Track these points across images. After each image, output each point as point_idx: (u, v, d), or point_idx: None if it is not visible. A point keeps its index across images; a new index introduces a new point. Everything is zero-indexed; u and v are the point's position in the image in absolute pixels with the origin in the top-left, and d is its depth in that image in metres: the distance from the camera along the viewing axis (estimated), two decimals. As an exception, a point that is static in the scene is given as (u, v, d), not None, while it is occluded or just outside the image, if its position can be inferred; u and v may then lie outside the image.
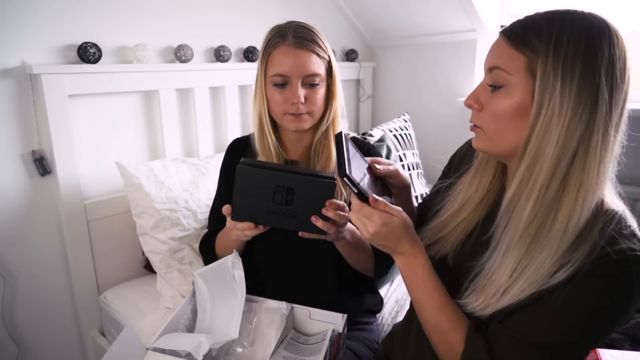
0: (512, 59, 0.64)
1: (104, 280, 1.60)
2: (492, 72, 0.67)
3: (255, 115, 1.05)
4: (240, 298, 0.88)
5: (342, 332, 0.89)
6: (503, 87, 0.66)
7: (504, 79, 0.66)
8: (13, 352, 1.47)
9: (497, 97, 0.67)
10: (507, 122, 0.66)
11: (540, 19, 0.64)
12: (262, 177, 0.80)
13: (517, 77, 0.64)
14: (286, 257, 1.06)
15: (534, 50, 0.62)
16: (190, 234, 1.46)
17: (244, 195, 0.82)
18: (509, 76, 0.65)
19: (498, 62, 0.66)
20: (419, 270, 0.74)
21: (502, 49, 0.66)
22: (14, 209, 1.42)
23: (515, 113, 0.65)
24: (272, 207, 0.82)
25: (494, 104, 0.67)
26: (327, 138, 1.05)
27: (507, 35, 0.66)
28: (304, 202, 0.80)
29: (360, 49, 2.52)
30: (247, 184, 0.81)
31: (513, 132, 0.66)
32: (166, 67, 1.63)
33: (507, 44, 0.66)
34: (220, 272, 0.91)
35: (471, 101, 0.72)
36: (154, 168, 1.46)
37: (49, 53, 1.41)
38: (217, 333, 0.87)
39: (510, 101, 0.65)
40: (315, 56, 0.98)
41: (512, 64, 0.64)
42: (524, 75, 0.64)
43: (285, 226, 0.83)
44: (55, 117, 1.37)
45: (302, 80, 0.97)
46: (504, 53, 0.66)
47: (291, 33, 0.96)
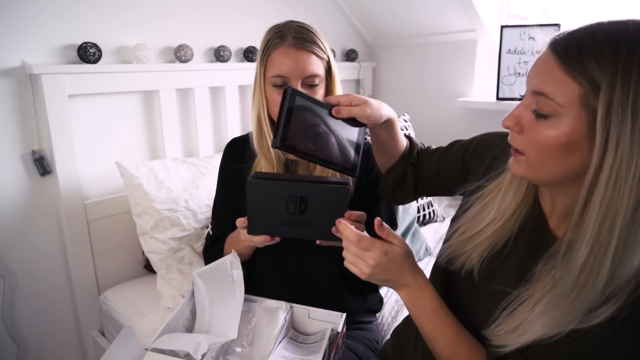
0: (564, 88, 0.54)
1: (104, 280, 1.60)
2: (537, 97, 0.57)
3: (253, 115, 1.05)
4: (238, 298, 0.88)
5: (341, 331, 0.89)
6: (551, 117, 0.56)
7: (551, 109, 0.55)
8: (13, 352, 1.47)
9: (542, 126, 0.57)
10: (552, 155, 0.57)
11: (602, 37, 0.53)
12: (274, 188, 0.80)
13: (569, 110, 0.54)
14: (286, 257, 1.06)
15: (593, 82, 0.52)
16: (190, 234, 1.46)
17: (258, 209, 0.82)
18: (558, 107, 0.55)
19: (546, 88, 0.56)
20: (427, 303, 0.70)
21: (553, 72, 0.55)
22: (14, 209, 1.42)
23: (564, 147, 0.56)
24: (287, 218, 0.81)
25: (538, 133, 0.57)
26: None
27: (559, 55, 0.55)
28: (318, 210, 0.79)
29: (360, 49, 2.52)
30: (259, 198, 0.81)
31: (559, 166, 0.57)
32: (166, 67, 1.63)
33: (559, 66, 0.54)
34: (219, 272, 0.91)
35: (510, 123, 0.61)
36: (154, 168, 1.46)
37: (49, 53, 1.41)
38: (216, 333, 0.87)
39: (557, 132, 0.55)
40: (314, 57, 0.98)
41: (563, 94, 0.54)
42: (577, 109, 0.53)
43: (302, 236, 0.82)
44: (55, 117, 1.38)
45: (302, 81, 0.97)
46: (554, 78, 0.55)
47: (291, 34, 0.96)
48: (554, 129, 0.56)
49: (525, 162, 0.61)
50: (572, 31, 0.56)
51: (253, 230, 0.84)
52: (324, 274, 1.05)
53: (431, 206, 2.01)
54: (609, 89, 0.50)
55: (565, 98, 0.54)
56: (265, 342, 0.86)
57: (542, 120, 0.57)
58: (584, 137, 0.54)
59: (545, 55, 0.57)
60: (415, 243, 1.71)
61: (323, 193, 0.79)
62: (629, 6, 1.86)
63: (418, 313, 0.71)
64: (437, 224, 2.00)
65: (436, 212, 2.04)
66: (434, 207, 2.03)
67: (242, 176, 1.07)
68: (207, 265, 0.92)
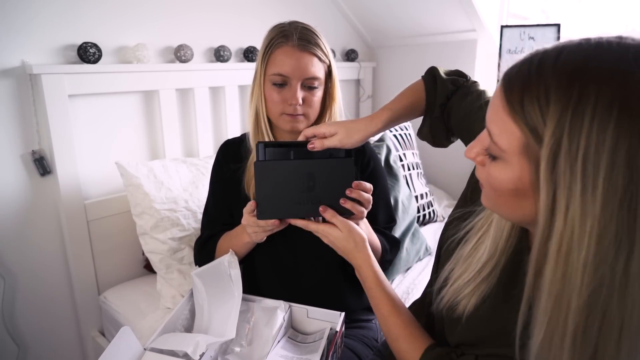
0: (507, 132, 0.47)
1: (104, 280, 1.60)
2: (489, 136, 0.51)
3: (251, 112, 1.05)
4: (237, 297, 0.88)
5: (340, 330, 0.89)
6: (498, 160, 0.50)
7: (497, 152, 0.50)
8: (13, 352, 1.47)
9: (493, 166, 0.52)
10: (504, 198, 0.52)
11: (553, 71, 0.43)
12: (281, 168, 0.79)
13: (512, 156, 0.48)
14: (284, 257, 1.06)
15: (533, 129, 0.44)
16: (190, 234, 1.46)
17: (266, 192, 0.80)
18: (503, 152, 0.49)
19: (492, 128, 0.50)
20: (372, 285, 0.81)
21: (498, 112, 0.48)
22: (14, 209, 1.42)
23: (513, 193, 0.50)
24: (297, 197, 0.80)
25: (490, 172, 0.52)
26: None
27: (504, 93, 0.47)
28: (326, 185, 0.80)
29: (360, 49, 2.52)
30: (267, 180, 0.80)
31: (514, 210, 0.52)
32: (166, 67, 1.63)
33: (503, 106, 0.47)
34: (217, 272, 0.91)
35: (470, 155, 0.56)
36: (153, 168, 1.46)
37: (49, 53, 1.41)
38: (215, 333, 0.87)
39: (506, 177, 0.49)
40: (316, 59, 0.98)
41: (506, 138, 0.47)
42: (519, 156, 0.47)
43: (312, 214, 0.82)
44: (55, 117, 1.38)
45: (302, 82, 0.98)
46: (499, 119, 0.48)
47: (296, 34, 0.97)
48: (502, 172, 0.50)
49: (485, 196, 0.57)
50: (525, 59, 0.47)
51: (263, 214, 0.82)
52: (322, 273, 1.05)
53: (431, 206, 2.01)
54: (552, 140, 0.42)
55: (507, 144, 0.47)
56: (264, 341, 0.86)
57: (493, 161, 0.51)
58: (531, 186, 0.47)
59: (497, 89, 0.49)
60: (415, 243, 1.71)
61: (329, 167, 0.80)
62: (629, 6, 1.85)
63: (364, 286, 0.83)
64: (437, 224, 2.00)
65: (436, 212, 2.04)
66: (434, 207, 2.03)
67: (237, 176, 1.07)
68: (205, 265, 0.93)
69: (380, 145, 1.91)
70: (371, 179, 1.05)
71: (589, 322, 0.43)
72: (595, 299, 0.42)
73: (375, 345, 1.07)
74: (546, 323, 0.46)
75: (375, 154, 1.14)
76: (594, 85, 0.40)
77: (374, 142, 1.94)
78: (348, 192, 0.81)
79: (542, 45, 0.48)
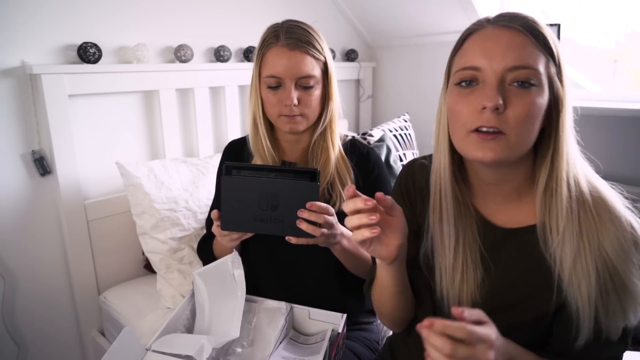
0: (537, 58, 0.64)
1: (104, 280, 1.60)
2: (518, 71, 0.63)
3: (249, 115, 1.05)
4: (240, 297, 0.88)
5: (342, 332, 0.89)
6: (537, 86, 0.63)
7: (536, 78, 0.63)
8: (13, 352, 1.47)
9: (531, 95, 0.63)
10: (534, 124, 0.64)
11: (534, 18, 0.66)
12: (247, 184, 0.80)
13: (544, 77, 0.64)
14: (286, 259, 1.06)
15: (550, 51, 0.64)
16: (190, 234, 1.46)
17: (231, 205, 0.82)
18: (540, 75, 0.64)
19: (527, 61, 0.63)
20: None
21: (527, 46, 0.64)
22: (14, 209, 1.42)
23: (545, 113, 0.65)
24: (259, 214, 0.81)
25: (527, 104, 0.63)
26: (325, 140, 1.04)
27: (531, 33, 0.64)
28: (288, 206, 0.79)
29: (360, 49, 2.52)
30: (232, 193, 0.81)
31: (534, 133, 0.65)
32: (166, 67, 1.63)
33: (529, 40, 0.64)
34: (220, 272, 0.91)
35: (496, 102, 0.62)
36: (154, 168, 1.46)
37: (49, 53, 1.41)
38: (217, 333, 0.87)
39: (544, 99, 0.64)
40: (309, 57, 0.96)
41: (538, 64, 0.64)
42: (545, 75, 0.64)
43: (273, 232, 0.82)
44: (55, 117, 1.37)
45: (296, 82, 0.96)
46: (529, 52, 0.63)
47: (284, 34, 0.95)
48: (541, 96, 0.64)
49: (505, 140, 0.63)
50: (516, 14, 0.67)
51: (226, 226, 0.84)
52: (324, 276, 1.05)
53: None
54: (558, 55, 0.65)
55: (541, 67, 0.64)
56: (265, 342, 0.86)
57: (529, 91, 0.63)
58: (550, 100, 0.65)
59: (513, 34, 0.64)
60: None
61: (293, 188, 0.79)
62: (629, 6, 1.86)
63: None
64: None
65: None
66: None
67: None
68: (207, 265, 0.93)
69: (380, 146, 1.91)
70: (375, 185, 1.05)
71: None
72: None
73: (377, 347, 1.07)
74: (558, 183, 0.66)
75: (380, 161, 1.13)
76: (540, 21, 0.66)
77: (374, 143, 1.94)
78: (300, 212, 0.78)
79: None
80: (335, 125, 1.05)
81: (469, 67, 0.65)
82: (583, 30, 2.02)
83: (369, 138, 1.96)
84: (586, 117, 1.87)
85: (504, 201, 0.73)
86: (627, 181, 1.79)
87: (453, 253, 0.72)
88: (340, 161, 1.05)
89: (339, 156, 1.05)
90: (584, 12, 1.99)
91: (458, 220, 0.72)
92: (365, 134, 1.99)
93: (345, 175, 1.03)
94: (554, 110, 0.66)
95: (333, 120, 1.05)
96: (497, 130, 0.62)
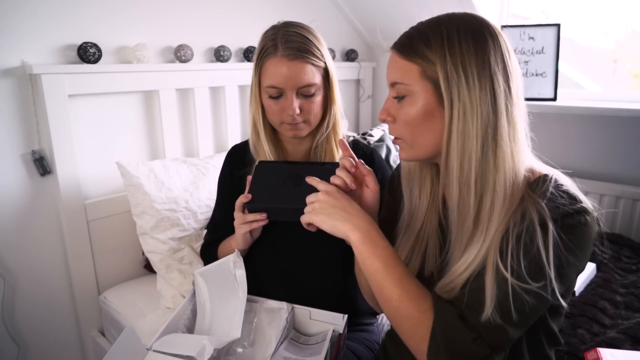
0: (407, 70, 0.70)
1: (104, 280, 1.60)
2: (394, 87, 0.72)
3: (250, 121, 1.04)
4: (241, 297, 0.88)
5: (343, 332, 0.89)
6: (407, 97, 0.71)
7: (405, 90, 0.70)
8: (13, 352, 1.47)
9: (404, 106, 0.71)
10: (420, 127, 0.71)
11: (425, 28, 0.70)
12: (276, 169, 0.93)
13: (416, 85, 0.69)
14: (289, 259, 1.06)
15: (425, 58, 0.68)
16: (190, 234, 1.46)
17: (259, 185, 0.93)
18: (408, 86, 0.70)
19: (396, 76, 0.71)
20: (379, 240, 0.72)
21: (396, 63, 0.72)
22: (14, 209, 1.41)
23: (424, 116, 0.70)
24: (283, 191, 0.89)
25: (404, 113, 0.72)
26: (329, 143, 1.05)
27: (397, 50, 0.72)
28: (310, 186, 0.83)
29: (360, 49, 2.52)
30: (262, 176, 0.93)
31: (429, 134, 0.71)
32: (166, 67, 1.63)
33: (399, 57, 0.71)
34: (221, 272, 0.91)
35: (384, 116, 0.75)
36: (154, 168, 1.46)
37: (48, 53, 1.41)
38: (218, 333, 0.87)
39: (417, 107, 0.70)
40: (309, 66, 0.95)
41: (408, 75, 0.69)
42: (421, 82, 0.69)
43: (295, 204, 0.85)
44: (55, 117, 1.37)
45: (297, 91, 0.96)
46: (398, 67, 0.71)
47: (283, 43, 0.94)
48: (413, 105, 0.70)
49: (404, 143, 0.75)
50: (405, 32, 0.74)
51: (251, 202, 0.92)
52: (326, 276, 1.05)
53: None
54: (442, 59, 0.66)
55: (410, 77, 0.69)
56: (266, 342, 0.86)
57: (403, 102, 0.71)
58: (436, 103, 0.68)
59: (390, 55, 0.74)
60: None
61: (317, 171, 0.86)
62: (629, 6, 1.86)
63: (370, 252, 0.71)
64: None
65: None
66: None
67: (242, 183, 1.06)
68: (208, 265, 0.93)
69: (380, 145, 1.91)
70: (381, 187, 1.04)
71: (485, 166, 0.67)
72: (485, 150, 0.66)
73: (377, 348, 1.07)
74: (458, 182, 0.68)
75: (384, 162, 1.12)
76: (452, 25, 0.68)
77: (374, 143, 1.94)
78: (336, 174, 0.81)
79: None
80: (338, 127, 1.05)
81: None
82: (583, 30, 2.02)
83: (369, 138, 1.97)
84: (586, 117, 1.89)
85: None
86: (627, 181, 1.80)
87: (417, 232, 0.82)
88: None
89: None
90: (584, 12, 1.99)
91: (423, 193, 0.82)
92: (365, 134, 1.99)
93: None
94: None
95: (336, 122, 1.05)
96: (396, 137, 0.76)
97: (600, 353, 1.00)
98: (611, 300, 1.29)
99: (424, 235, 0.81)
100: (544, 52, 1.89)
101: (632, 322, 1.17)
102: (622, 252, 1.61)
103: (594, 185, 1.83)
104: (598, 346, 1.06)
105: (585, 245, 0.66)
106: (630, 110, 1.70)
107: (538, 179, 0.69)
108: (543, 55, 1.89)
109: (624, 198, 1.76)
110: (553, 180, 0.67)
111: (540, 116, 2.16)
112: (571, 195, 0.66)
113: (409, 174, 0.84)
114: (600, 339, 1.11)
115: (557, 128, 1.96)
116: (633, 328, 1.14)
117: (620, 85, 2.01)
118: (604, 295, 1.32)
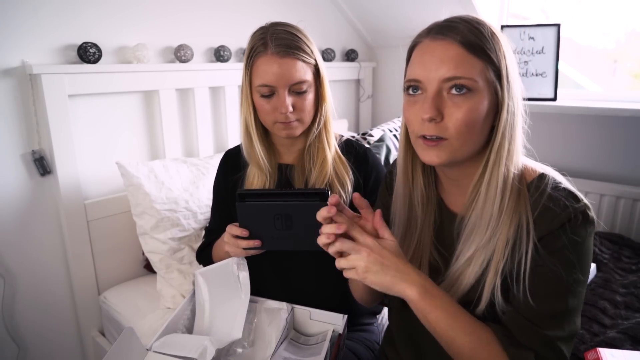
0: (472, 65, 0.67)
1: (104, 280, 1.60)
2: (453, 81, 0.67)
3: (241, 123, 1.04)
4: (243, 299, 0.88)
5: (343, 332, 0.89)
6: (471, 92, 0.67)
7: (472, 85, 0.67)
8: (13, 352, 1.47)
9: (467, 102, 0.67)
10: (478, 126, 0.68)
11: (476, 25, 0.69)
12: (260, 209, 0.83)
13: (481, 82, 0.67)
14: (288, 260, 1.06)
15: (488, 57, 0.67)
16: (190, 234, 1.46)
17: (248, 228, 0.86)
18: (476, 82, 0.67)
19: (462, 71, 0.67)
20: (439, 293, 0.68)
21: (462, 56, 0.67)
22: (14, 209, 1.42)
23: (485, 115, 0.68)
24: (276, 234, 0.84)
25: (469, 107, 0.67)
26: (320, 141, 1.04)
27: (463, 44, 0.68)
28: (302, 224, 0.81)
29: (360, 49, 2.52)
30: (248, 219, 0.85)
31: (482, 134, 0.70)
32: (166, 67, 1.63)
33: (464, 52, 0.67)
34: (223, 273, 0.91)
35: (433, 113, 0.68)
36: (154, 168, 1.46)
37: (48, 53, 1.41)
38: (218, 333, 0.87)
39: (483, 104, 0.68)
40: (300, 63, 0.95)
41: (474, 70, 0.67)
42: (484, 81, 0.67)
43: (291, 247, 0.85)
44: (55, 117, 1.37)
45: (289, 88, 0.95)
46: (464, 62, 0.67)
47: (272, 41, 0.94)
48: (479, 102, 0.67)
49: (447, 145, 0.69)
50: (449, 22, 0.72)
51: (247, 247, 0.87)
52: (325, 276, 1.05)
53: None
54: (497, 60, 0.67)
55: (477, 74, 0.67)
56: (266, 343, 0.86)
57: (467, 98, 0.67)
58: (494, 103, 0.68)
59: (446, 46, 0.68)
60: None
61: (304, 209, 0.80)
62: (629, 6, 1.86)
63: (431, 306, 0.67)
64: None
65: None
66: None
67: (237, 187, 1.06)
68: (210, 265, 0.93)
69: (380, 145, 1.91)
70: (375, 188, 1.04)
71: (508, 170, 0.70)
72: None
73: (377, 348, 1.07)
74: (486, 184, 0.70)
75: (378, 161, 1.12)
76: (485, 27, 0.70)
77: (374, 143, 1.94)
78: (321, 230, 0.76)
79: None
80: (330, 125, 1.05)
81: (412, 79, 0.72)
82: (583, 30, 2.02)
83: (369, 138, 1.96)
84: (586, 117, 1.89)
85: (465, 193, 0.77)
86: (627, 181, 1.80)
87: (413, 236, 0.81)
88: (338, 161, 1.04)
89: (335, 156, 1.05)
90: (584, 12, 1.99)
91: (419, 207, 0.81)
92: (365, 134, 1.99)
93: (344, 175, 1.03)
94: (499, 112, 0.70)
95: (328, 121, 1.05)
96: (439, 137, 0.68)
97: (600, 353, 1.00)
98: (611, 300, 1.29)
99: (424, 236, 0.81)
100: (544, 52, 1.89)
101: (632, 322, 1.17)
102: (622, 252, 1.61)
103: (594, 185, 1.83)
104: (598, 346, 1.06)
105: (590, 245, 0.69)
106: (630, 110, 1.70)
107: (535, 179, 0.71)
108: (543, 55, 1.89)
109: (624, 198, 1.76)
110: (551, 180, 0.69)
111: (541, 116, 2.15)
112: (572, 193, 0.68)
113: (405, 175, 0.83)
114: (600, 339, 1.11)
115: (557, 128, 1.96)
116: (633, 328, 1.14)
117: (620, 85, 2.01)
118: (604, 295, 1.32)
